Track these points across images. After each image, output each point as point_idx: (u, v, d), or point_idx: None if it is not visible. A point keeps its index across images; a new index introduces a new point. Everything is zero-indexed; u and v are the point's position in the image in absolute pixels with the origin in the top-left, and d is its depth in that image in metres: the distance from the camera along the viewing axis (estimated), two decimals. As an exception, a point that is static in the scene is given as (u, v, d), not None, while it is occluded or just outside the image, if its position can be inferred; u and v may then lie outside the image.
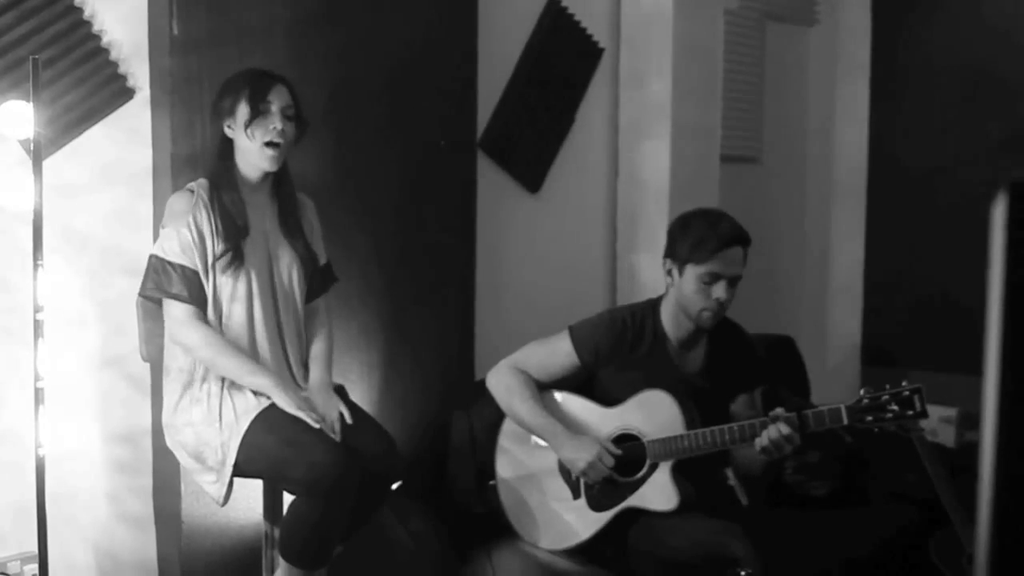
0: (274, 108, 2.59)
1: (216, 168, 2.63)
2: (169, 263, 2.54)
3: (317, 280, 2.78)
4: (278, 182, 2.69)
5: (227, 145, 2.62)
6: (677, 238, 2.79)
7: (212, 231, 2.56)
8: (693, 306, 2.77)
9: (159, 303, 2.60)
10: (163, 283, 2.54)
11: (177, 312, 2.55)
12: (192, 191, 2.59)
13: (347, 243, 3.18)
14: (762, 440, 2.59)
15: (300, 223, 2.72)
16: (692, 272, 2.75)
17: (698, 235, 2.74)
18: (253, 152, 2.59)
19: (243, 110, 2.58)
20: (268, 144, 2.58)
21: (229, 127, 2.61)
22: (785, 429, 2.57)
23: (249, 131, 2.57)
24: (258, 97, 2.57)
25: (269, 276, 2.65)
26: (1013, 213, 0.60)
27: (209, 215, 2.57)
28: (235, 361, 2.54)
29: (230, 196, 2.60)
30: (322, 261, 2.80)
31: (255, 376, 2.54)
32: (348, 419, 2.58)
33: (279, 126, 2.58)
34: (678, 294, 2.80)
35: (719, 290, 2.74)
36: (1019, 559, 0.63)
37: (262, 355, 2.62)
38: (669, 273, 2.81)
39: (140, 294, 2.60)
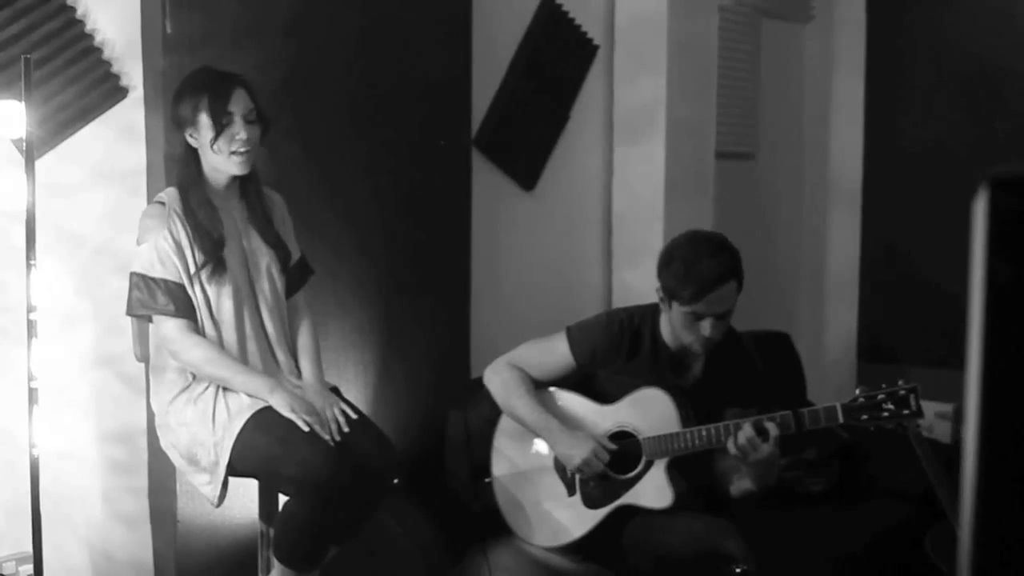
0: (236, 117, 2.51)
1: (184, 178, 2.56)
2: (151, 279, 2.50)
3: (295, 275, 2.74)
4: (244, 180, 2.61)
5: (192, 153, 2.55)
6: (662, 271, 2.69)
7: (189, 242, 2.52)
8: (683, 337, 2.71)
9: (149, 319, 2.57)
10: (148, 300, 2.50)
11: (170, 329, 2.51)
12: (163, 203, 2.54)
13: (343, 242, 3.18)
14: (738, 438, 2.56)
15: (271, 219, 2.67)
16: (678, 309, 2.67)
17: (679, 276, 2.63)
18: (220, 160, 2.53)
19: (205, 123, 2.50)
20: (234, 152, 2.51)
21: (191, 136, 2.53)
22: (750, 432, 2.54)
23: (216, 146, 2.50)
24: (219, 109, 2.49)
25: (247, 275, 2.62)
26: (994, 207, 0.60)
27: (184, 226, 2.52)
28: (231, 371, 2.51)
29: (202, 207, 2.53)
30: (296, 255, 2.75)
31: (251, 383, 2.51)
32: (352, 415, 2.56)
33: (243, 135, 2.50)
34: (670, 318, 2.73)
35: (706, 328, 2.65)
36: (1003, 555, 0.63)
37: (251, 355, 2.60)
38: (661, 299, 2.73)
39: (127, 313, 2.56)
